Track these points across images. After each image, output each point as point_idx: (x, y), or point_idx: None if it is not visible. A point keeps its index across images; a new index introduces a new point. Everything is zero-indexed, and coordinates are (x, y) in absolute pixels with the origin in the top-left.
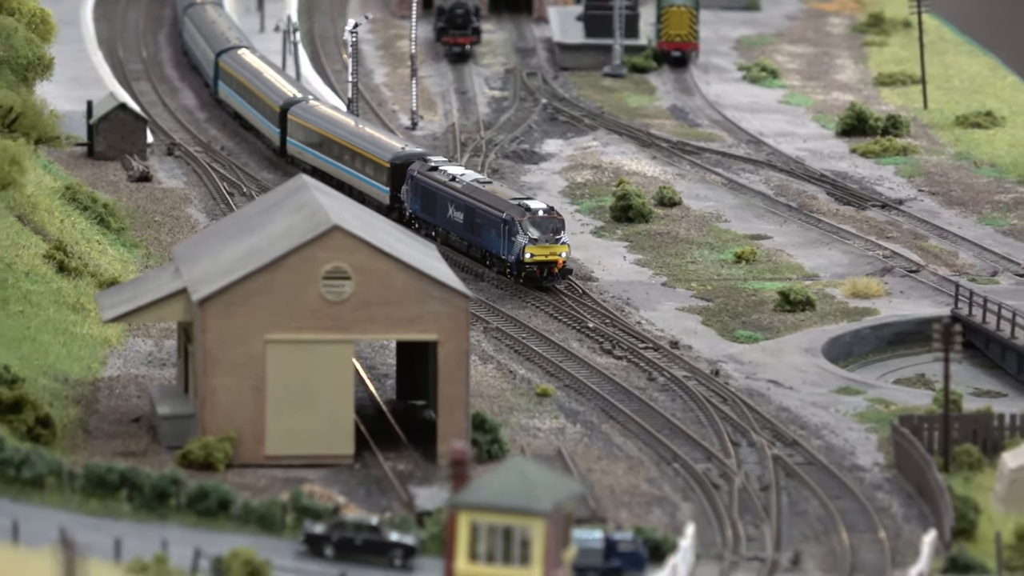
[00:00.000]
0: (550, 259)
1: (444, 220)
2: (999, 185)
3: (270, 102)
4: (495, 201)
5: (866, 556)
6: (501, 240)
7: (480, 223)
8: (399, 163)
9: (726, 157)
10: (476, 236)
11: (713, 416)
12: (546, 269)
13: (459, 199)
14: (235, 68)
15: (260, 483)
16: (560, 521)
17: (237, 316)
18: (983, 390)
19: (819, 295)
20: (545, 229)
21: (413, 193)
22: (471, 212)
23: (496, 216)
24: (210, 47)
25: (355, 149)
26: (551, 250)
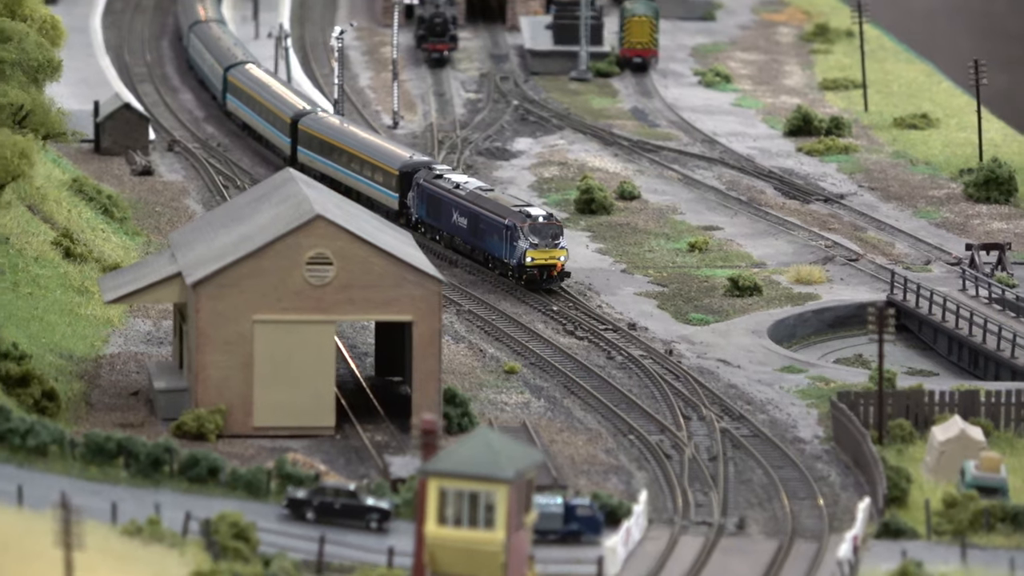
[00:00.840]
0: (549, 263)
1: (449, 225)
2: (933, 182)
3: (281, 114)
4: (497, 208)
5: (806, 521)
6: (503, 244)
7: (483, 228)
8: (407, 171)
9: (682, 155)
10: (479, 240)
11: (666, 392)
12: (546, 272)
13: (463, 205)
14: (244, 82)
15: (248, 452)
16: (522, 487)
17: (227, 298)
18: (916, 369)
19: (766, 281)
20: (545, 234)
21: (419, 200)
22: (475, 218)
23: (498, 222)
24: (218, 62)
25: (364, 158)
26: (550, 254)
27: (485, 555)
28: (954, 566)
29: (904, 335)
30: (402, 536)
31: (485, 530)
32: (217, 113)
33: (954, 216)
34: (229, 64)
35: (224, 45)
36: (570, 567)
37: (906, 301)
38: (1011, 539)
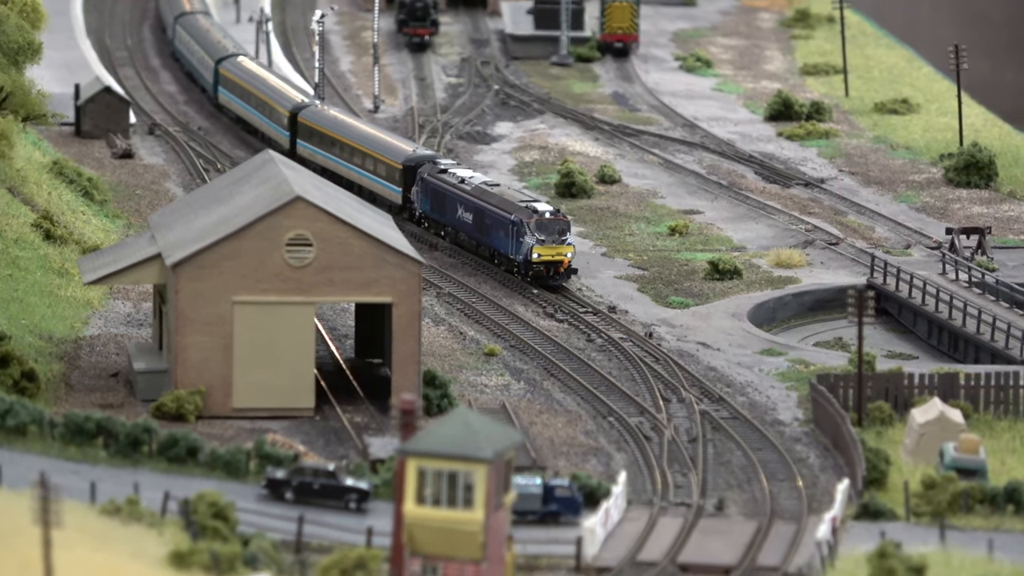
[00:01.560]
0: (556, 259)
1: (454, 220)
2: (913, 166)
3: (279, 107)
4: (503, 203)
5: (785, 502)
6: (509, 240)
7: (489, 224)
8: (411, 165)
9: (663, 139)
10: (485, 236)
11: (646, 374)
12: (552, 268)
13: (468, 201)
14: (237, 75)
15: (227, 433)
16: (501, 467)
17: (207, 279)
18: (896, 352)
19: (746, 265)
20: (551, 231)
21: (423, 194)
22: (480, 213)
23: (504, 218)
24: (208, 55)
25: (367, 151)
26: (557, 250)
27: (464, 535)
28: (933, 547)
29: (884, 319)
30: (381, 516)
31: (464, 510)
32: (198, 97)
33: (934, 200)
34: (220, 57)
35: (213, 37)
36: (549, 547)
37: (886, 285)
38: (990, 521)
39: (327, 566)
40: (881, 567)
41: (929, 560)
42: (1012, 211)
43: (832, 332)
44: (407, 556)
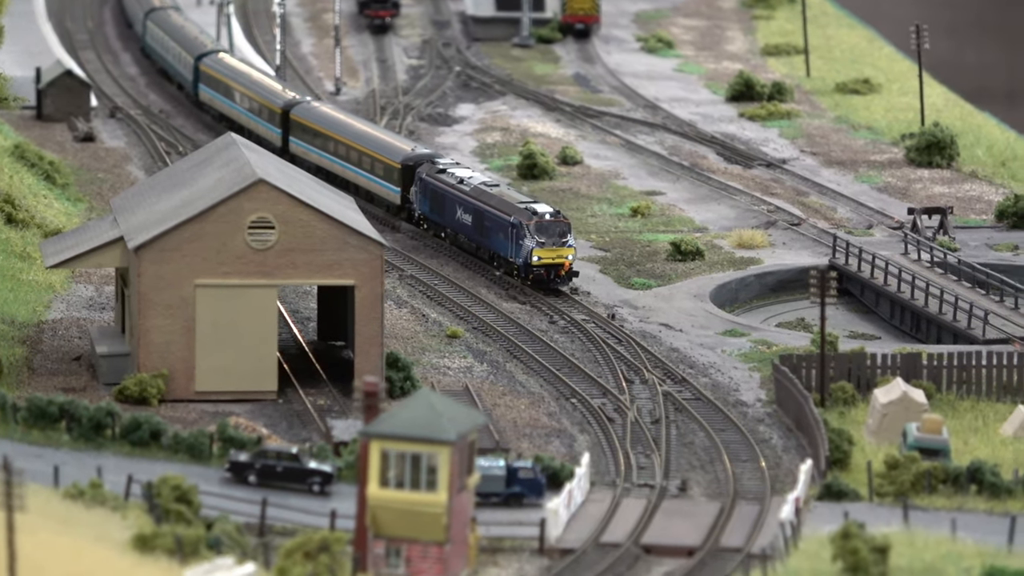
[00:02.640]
0: (557, 262)
1: (453, 222)
2: (875, 146)
3: (270, 104)
4: (502, 204)
5: (748, 483)
6: (509, 243)
7: (488, 226)
8: (410, 164)
9: (624, 120)
10: (484, 238)
11: (609, 356)
12: (553, 271)
13: (467, 202)
14: (221, 72)
15: (190, 417)
16: (464, 449)
17: (169, 262)
18: (858, 333)
19: (708, 246)
20: (552, 233)
21: (422, 195)
22: (479, 215)
23: (504, 219)
24: (187, 51)
25: (363, 150)
26: (558, 253)
27: (427, 517)
28: (896, 527)
29: (846, 299)
30: (344, 499)
31: (427, 492)
32: (159, 80)
33: (896, 180)
34: (200, 53)
35: (190, 33)
36: (513, 529)
37: (848, 265)
38: (953, 500)
39: (291, 549)
40: (844, 547)
41: (892, 540)
42: (974, 191)
43: (794, 313)
44: (371, 538)
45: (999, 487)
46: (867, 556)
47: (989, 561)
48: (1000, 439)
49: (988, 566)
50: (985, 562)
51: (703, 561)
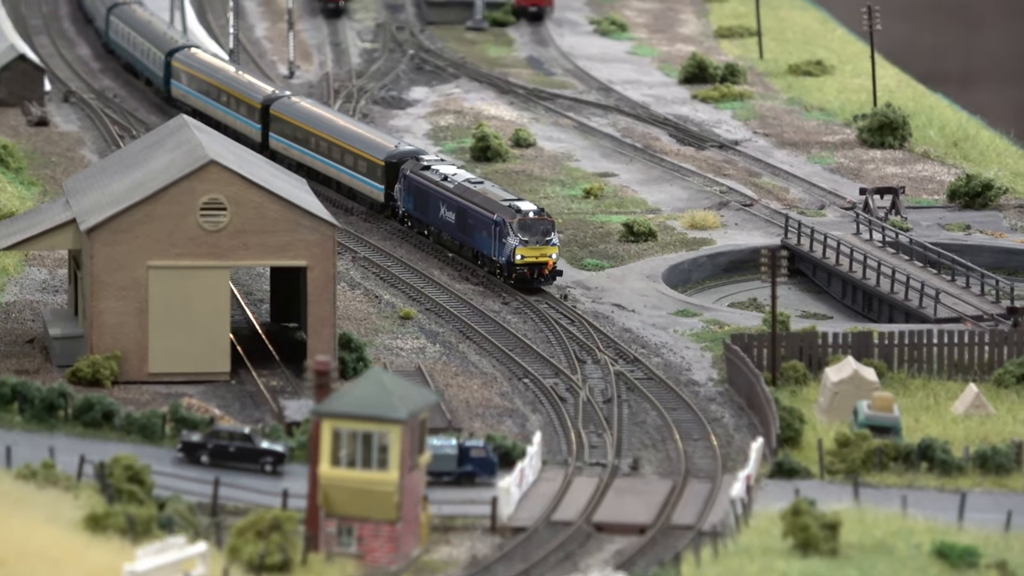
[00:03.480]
0: (540, 260)
1: (436, 220)
2: (827, 128)
3: (247, 99)
4: (486, 202)
5: (700, 461)
6: (492, 241)
7: (471, 224)
8: (394, 161)
9: (577, 103)
10: (468, 236)
11: (561, 336)
12: (536, 271)
13: (450, 199)
14: (194, 67)
15: (143, 398)
16: (415, 428)
17: (122, 244)
18: (810, 313)
19: (660, 227)
20: (535, 231)
21: (406, 192)
22: (463, 213)
23: (487, 217)
24: (156, 47)
25: (346, 146)
26: (541, 251)
27: (379, 495)
28: (847, 505)
29: (798, 279)
30: (297, 479)
31: (379, 471)
32: (114, 66)
33: (848, 161)
34: (171, 49)
35: (158, 29)
36: (464, 508)
37: (800, 245)
38: (903, 478)
39: (243, 528)
40: (795, 524)
41: (843, 517)
42: (926, 171)
43: (747, 293)
44: (323, 517)
45: (950, 464)
46: (817, 533)
47: (939, 537)
48: (951, 417)
49: (938, 542)
50: (935, 538)
51: (654, 539)
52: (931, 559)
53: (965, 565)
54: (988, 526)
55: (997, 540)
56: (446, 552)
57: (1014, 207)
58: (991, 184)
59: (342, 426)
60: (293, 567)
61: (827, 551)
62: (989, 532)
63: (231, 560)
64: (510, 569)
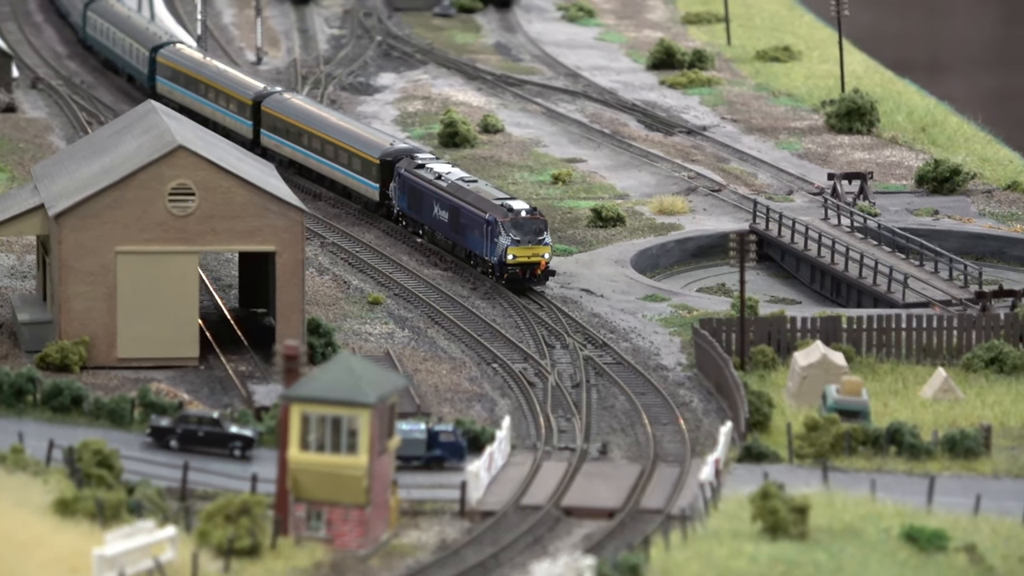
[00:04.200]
0: (532, 260)
1: (430, 219)
2: (795, 113)
3: (239, 96)
4: (478, 201)
5: (668, 446)
6: (484, 241)
7: (464, 223)
8: (389, 159)
9: (545, 89)
10: (460, 236)
11: (530, 321)
12: (528, 271)
13: (444, 198)
14: (181, 63)
15: (112, 383)
16: (385, 412)
17: (90, 229)
18: (779, 298)
19: (629, 212)
20: (527, 230)
21: (401, 191)
22: (456, 211)
23: (479, 216)
24: (140, 43)
25: (340, 144)
26: (533, 251)
27: (348, 480)
28: (816, 488)
29: (767, 264)
30: (266, 463)
31: (348, 455)
32: (80, 51)
33: (816, 147)
34: (156, 45)
35: (139, 24)
36: (434, 492)
37: (768, 231)
38: (872, 462)
39: (212, 512)
40: (764, 507)
41: (812, 501)
42: (894, 156)
43: (715, 278)
44: (292, 502)
45: (918, 448)
46: (786, 516)
47: (908, 521)
48: (920, 401)
49: (907, 526)
50: (904, 522)
51: (623, 523)
52: (900, 543)
53: (934, 549)
54: (957, 510)
55: (966, 524)
56: (415, 536)
57: (982, 192)
58: (959, 169)
59: (311, 410)
60: (262, 551)
61: (796, 535)
62: (958, 516)
63: (200, 544)
64: (479, 553)
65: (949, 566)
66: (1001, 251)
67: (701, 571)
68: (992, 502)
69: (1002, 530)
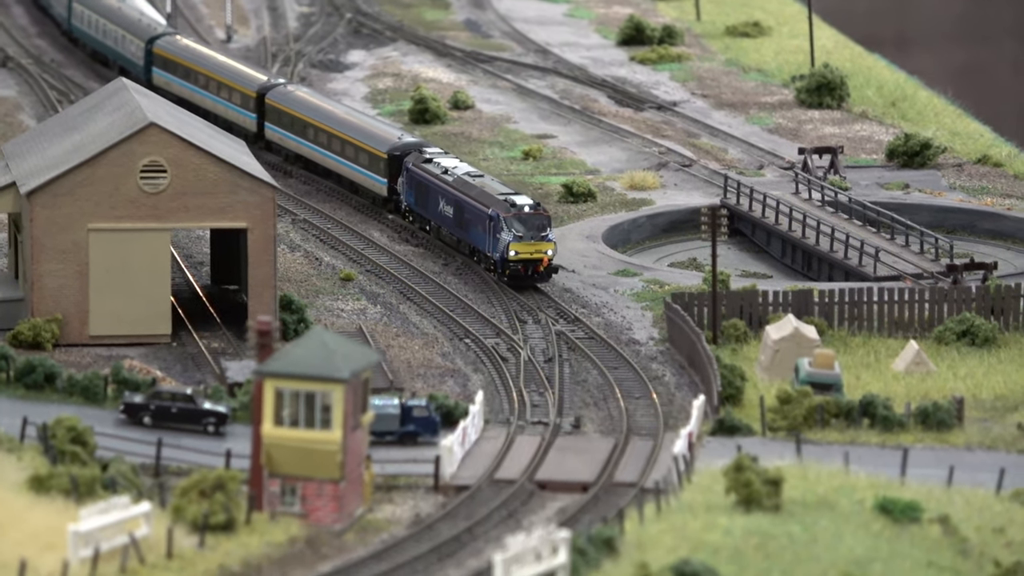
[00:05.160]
0: (535, 257)
1: (436, 214)
2: (765, 88)
3: (242, 88)
4: (482, 196)
5: (641, 420)
6: (486, 236)
7: (468, 218)
8: (396, 154)
9: (515, 65)
10: (464, 232)
11: (502, 297)
12: (531, 267)
13: (449, 193)
14: (179, 55)
15: (85, 360)
16: (358, 387)
17: (62, 207)
18: (750, 272)
19: (600, 188)
20: (530, 226)
21: (408, 186)
22: (460, 207)
23: (482, 211)
24: (134, 34)
25: (348, 139)
26: (536, 247)
27: (322, 455)
28: (789, 461)
29: (738, 239)
30: (239, 439)
31: (322, 430)
32: (51, 30)
33: (786, 122)
34: (152, 36)
35: (132, 15)
36: (407, 467)
37: (739, 205)
38: (845, 434)
39: (186, 487)
40: (738, 480)
41: (785, 473)
42: (864, 131)
43: (686, 253)
44: (266, 477)
45: (891, 420)
46: (760, 489)
47: (882, 493)
48: (892, 374)
49: (880, 498)
50: (878, 494)
51: (597, 496)
52: (874, 514)
53: (907, 520)
54: (930, 481)
55: (939, 495)
56: (389, 511)
57: (952, 166)
58: (929, 143)
59: (284, 386)
60: (237, 526)
61: (770, 507)
62: (931, 487)
63: (175, 520)
64: (453, 527)
65: (923, 537)
66: (972, 224)
67: (675, 544)
68: (965, 474)
69: (975, 501)
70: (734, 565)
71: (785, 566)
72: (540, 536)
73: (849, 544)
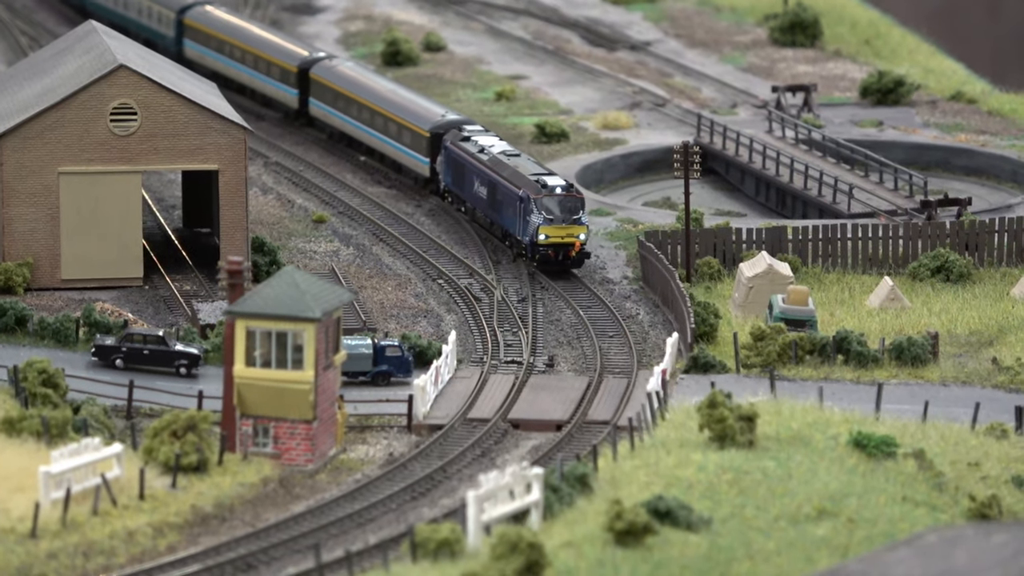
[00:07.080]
0: (566, 241)
1: (471, 195)
2: (739, 28)
3: (283, 63)
4: (515, 176)
5: (615, 358)
6: (516, 219)
7: (500, 200)
8: (439, 132)
9: (488, 6)
10: (497, 213)
11: (475, 237)
12: (562, 252)
13: (484, 173)
14: (214, 27)
15: (56, 304)
16: (330, 326)
17: (32, 150)
18: (724, 211)
19: (573, 128)
20: (563, 208)
21: (446, 165)
22: (493, 187)
23: (513, 193)
24: (163, 5)
25: (391, 116)
26: (568, 231)
27: (294, 394)
28: (763, 397)
29: (711, 178)
30: (211, 381)
31: (293, 370)
32: None
33: (760, 61)
34: (183, 6)
35: None
36: (380, 407)
37: (713, 144)
38: (819, 370)
39: (158, 428)
40: (712, 416)
41: (760, 409)
42: (837, 69)
43: (660, 192)
44: (238, 418)
45: (865, 356)
46: (734, 425)
47: (856, 428)
48: (866, 310)
49: (855, 433)
50: (852, 429)
51: (571, 434)
52: (848, 449)
53: (882, 455)
54: (905, 417)
55: (914, 430)
56: (363, 451)
57: (926, 103)
58: (903, 81)
59: (256, 325)
60: (209, 467)
61: (744, 443)
62: (906, 423)
63: (147, 461)
64: (427, 466)
65: (898, 472)
66: (946, 161)
67: (649, 480)
68: (940, 408)
69: (950, 436)
70: (708, 501)
71: (759, 501)
72: (513, 474)
73: (824, 479)
